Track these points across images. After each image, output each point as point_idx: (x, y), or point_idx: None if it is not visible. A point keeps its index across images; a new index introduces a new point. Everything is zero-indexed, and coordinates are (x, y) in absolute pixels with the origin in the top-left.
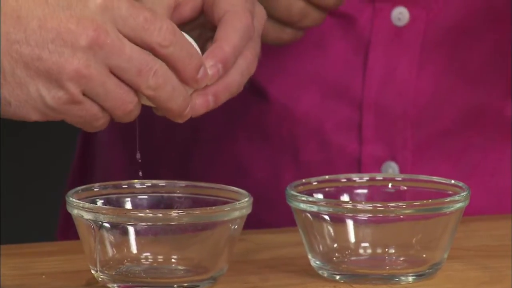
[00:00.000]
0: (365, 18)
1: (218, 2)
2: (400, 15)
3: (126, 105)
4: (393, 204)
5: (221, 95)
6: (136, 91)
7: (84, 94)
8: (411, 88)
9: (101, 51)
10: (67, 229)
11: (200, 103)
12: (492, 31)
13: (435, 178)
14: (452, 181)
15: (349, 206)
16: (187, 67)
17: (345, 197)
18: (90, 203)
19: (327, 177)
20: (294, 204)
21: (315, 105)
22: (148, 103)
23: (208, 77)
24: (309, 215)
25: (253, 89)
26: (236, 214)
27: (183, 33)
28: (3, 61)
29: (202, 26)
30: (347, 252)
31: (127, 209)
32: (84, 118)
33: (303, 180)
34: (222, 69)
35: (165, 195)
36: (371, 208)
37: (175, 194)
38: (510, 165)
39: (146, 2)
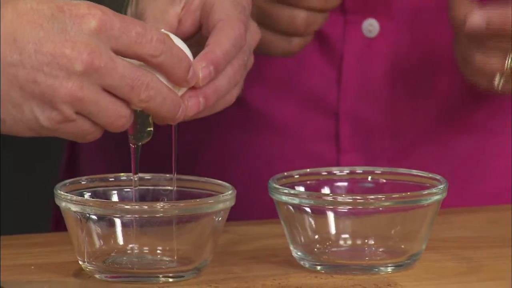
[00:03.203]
0: (338, 31)
1: (214, 11)
2: (371, 26)
3: (119, 119)
4: (372, 197)
5: (210, 97)
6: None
7: (77, 112)
8: (386, 98)
9: (95, 74)
10: (59, 221)
11: (192, 105)
12: None
13: (414, 171)
14: (430, 174)
15: (329, 198)
16: (177, 71)
17: (325, 190)
18: (78, 195)
19: (308, 170)
20: (276, 197)
21: (294, 115)
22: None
23: (197, 76)
24: (291, 207)
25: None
26: (220, 206)
27: (175, 37)
28: None
29: (198, 44)
30: (327, 244)
31: (114, 201)
32: (76, 134)
33: (285, 173)
34: (214, 71)
35: (151, 188)
36: (351, 200)
37: (161, 187)
38: (486, 170)
39: (150, 24)
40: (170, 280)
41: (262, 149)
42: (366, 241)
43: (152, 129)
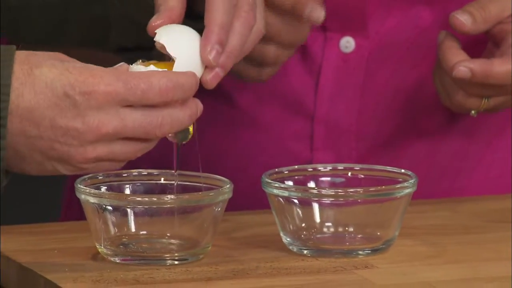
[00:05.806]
0: (318, 46)
1: None
2: (347, 43)
3: (138, 153)
4: (352, 190)
5: (227, 63)
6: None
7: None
8: (356, 106)
9: (106, 137)
10: (70, 210)
11: (212, 77)
12: (426, 60)
13: (388, 168)
14: (402, 170)
15: (315, 191)
16: (187, 95)
17: (311, 184)
18: (95, 189)
19: (296, 167)
20: (268, 190)
21: (275, 116)
22: None
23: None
24: (281, 199)
25: (225, 98)
26: (220, 198)
27: (187, 28)
28: (23, 150)
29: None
30: (313, 231)
31: (127, 194)
32: (99, 171)
33: (276, 170)
34: (220, 47)
35: (159, 182)
36: (333, 193)
37: (168, 181)
38: (443, 172)
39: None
40: (176, 262)
41: (246, 145)
42: (346, 228)
43: (192, 130)
